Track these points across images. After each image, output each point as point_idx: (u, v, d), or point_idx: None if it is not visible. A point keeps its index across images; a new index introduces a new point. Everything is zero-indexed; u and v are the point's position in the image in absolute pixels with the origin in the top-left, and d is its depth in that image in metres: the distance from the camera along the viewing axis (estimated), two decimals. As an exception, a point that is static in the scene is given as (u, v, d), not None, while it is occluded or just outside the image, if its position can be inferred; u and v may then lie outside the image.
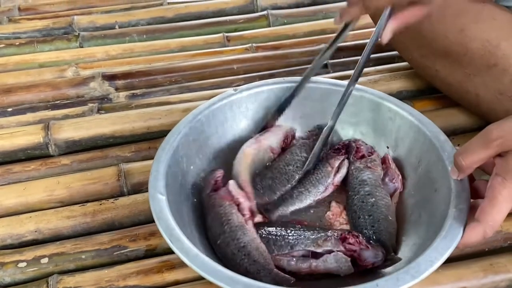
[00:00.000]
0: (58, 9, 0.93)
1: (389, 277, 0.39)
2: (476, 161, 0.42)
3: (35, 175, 0.61)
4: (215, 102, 0.54)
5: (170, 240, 0.41)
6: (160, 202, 0.44)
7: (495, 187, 0.41)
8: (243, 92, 0.56)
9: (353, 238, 0.46)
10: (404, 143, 0.54)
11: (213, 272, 0.39)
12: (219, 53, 0.80)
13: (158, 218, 0.43)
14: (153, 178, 0.46)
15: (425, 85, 0.70)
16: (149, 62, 0.79)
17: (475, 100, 0.61)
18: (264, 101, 0.57)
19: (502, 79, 0.57)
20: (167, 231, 0.42)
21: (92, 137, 0.64)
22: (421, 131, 0.52)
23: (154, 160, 0.47)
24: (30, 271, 0.50)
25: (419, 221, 0.49)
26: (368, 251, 0.45)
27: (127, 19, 0.89)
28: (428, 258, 0.40)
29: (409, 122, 0.53)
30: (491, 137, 0.41)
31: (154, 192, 0.45)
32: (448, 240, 0.41)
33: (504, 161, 0.41)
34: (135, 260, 0.51)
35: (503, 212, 0.41)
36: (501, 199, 0.40)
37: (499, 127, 0.41)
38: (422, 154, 0.51)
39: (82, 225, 0.54)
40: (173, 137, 0.50)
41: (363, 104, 0.56)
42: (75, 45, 0.84)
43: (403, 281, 0.39)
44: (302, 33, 0.86)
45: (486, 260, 0.50)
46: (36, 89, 0.73)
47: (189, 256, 0.40)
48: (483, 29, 0.57)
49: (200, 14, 0.91)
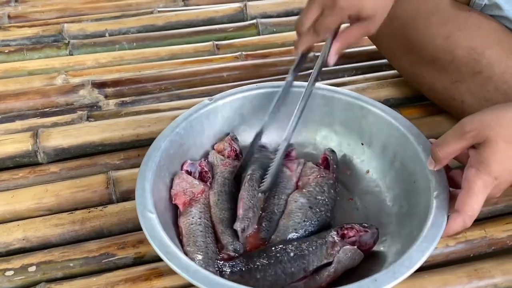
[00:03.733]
0: (48, 17, 0.94)
1: (386, 271, 0.40)
2: (451, 152, 0.44)
3: (23, 183, 0.61)
4: (191, 113, 0.55)
5: (167, 258, 0.41)
6: (151, 220, 0.44)
7: (470, 179, 0.42)
8: (218, 101, 0.56)
9: (351, 230, 0.47)
10: (378, 139, 0.55)
11: (216, 286, 0.39)
12: (209, 61, 0.81)
13: (151, 237, 0.42)
14: (140, 195, 0.45)
15: (412, 93, 0.72)
16: (139, 70, 0.79)
17: (461, 107, 0.62)
18: (239, 108, 0.58)
19: (487, 86, 0.58)
20: (162, 248, 0.41)
21: (81, 144, 0.64)
22: (394, 126, 0.53)
23: (139, 177, 0.47)
24: (17, 279, 0.50)
25: (401, 212, 0.50)
26: (366, 234, 0.47)
27: (117, 27, 0.90)
28: (419, 248, 0.42)
29: (382, 118, 0.55)
30: (465, 129, 0.43)
31: (144, 210, 0.44)
32: (435, 229, 0.43)
33: (477, 152, 0.43)
34: (123, 267, 0.51)
35: (479, 201, 0.42)
36: (476, 189, 0.42)
37: (473, 120, 0.43)
38: (397, 148, 0.53)
39: (71, 233, 0.54)
40: (154, 152, 0.50)
41: (335, 104, 0.57)
42: (64, 52, 0.84)
43: (400, 273, 0.40)
44: (291, 42, 0.86)
45: (471, 265, 0.51)
46: (25, 96, 0.73)
47: (189, 272, 0.40)
48: (468, 37, 0.58)
49: (190, 23, 0.91)
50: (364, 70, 0.78)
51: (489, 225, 0.54)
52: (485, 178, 0.42)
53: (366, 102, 0.56)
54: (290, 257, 0.45)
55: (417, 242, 0.42)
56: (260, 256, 0.46)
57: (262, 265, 0.45)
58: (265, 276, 0.45)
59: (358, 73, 0.78)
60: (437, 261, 0.52)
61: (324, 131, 0.59)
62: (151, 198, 0.45)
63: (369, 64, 0.80)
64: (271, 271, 0.45)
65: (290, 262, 0.45)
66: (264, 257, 0.46)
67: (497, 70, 0.57)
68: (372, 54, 0.80)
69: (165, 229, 0.44)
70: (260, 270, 0.45)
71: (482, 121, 0.42)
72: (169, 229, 0.46)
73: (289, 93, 0.55)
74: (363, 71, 0.78)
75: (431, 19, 0.60)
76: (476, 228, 0.54)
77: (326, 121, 0.59)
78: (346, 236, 0.47)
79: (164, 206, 0.48)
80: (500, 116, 0.42)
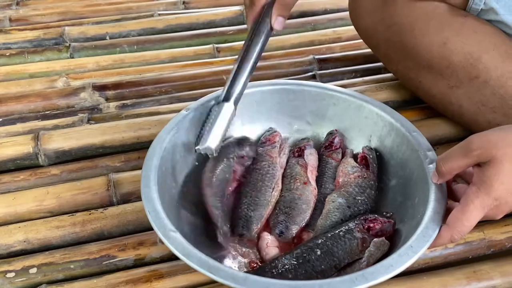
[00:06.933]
0: (49, 20, 0.94)
1: (404, 248, 0.42)
2: (455, 168, 0.44)
3: (24, 185, 0.61)
4: (172, 127, 0.52)
5: (212, 273, 0.40)
6: (177, 240, 0.42)
7: (469, 196, 0.42)
8: (194, 111, 0.55)
9: (375, 222, 0.48)
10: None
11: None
12: (209, 64, 0.81)
13: (187, 255, 0.41)
14: (156, 218, 0.43)
15: (410, 96, 0.72)
16: (139, 73, 0.79)
17: (458, 111, 0.63)
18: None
19: (484, 91, 0.59)
20: (205, 266, 0.40)
21: (82, 147, 0.64)
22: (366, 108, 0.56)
23: (145, 201, 0.45)
24: (18, 281, 0.50)
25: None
26: (387, 224, 0.48)
27: (118, 30, 0.90)
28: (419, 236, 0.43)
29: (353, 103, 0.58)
30: (472, 147, 0.42)
31: (167, 232, 0.42)
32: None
33: (481, 171, 0.42)
34: (124, 269, 0.51)
35: (472, 220, 0.42)
36: (472, 207, 0.42)
37: (481, 138, 0.43)
38: (373, 129, 0.56)
39: (71, 235, 0.54)
40: (151, 173, 0.47)
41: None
42: (65, 55, 0.84)
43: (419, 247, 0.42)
44: (291, 44, 0.87)
45: (470, 267, 0.51)
46: (26, 99, 0.73)
47: (239, 280, 0.40)
48: (465, 42, 0.59)
49: (191, 26, 0.92)
50: (363, 72, 0.79)
51: (488, 227, 0.55)
52: (484, 198, 0.42)
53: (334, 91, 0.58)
54: (317, 255, 0.46)
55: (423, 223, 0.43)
56: (287, 258, 0.46)
57: (291, 266, 0.45)
58: (297, 276, 0.45)
59: (356, 76, 0.78)
60: (436, 263, 0.52)
61: (296, 124, 0.60)
62: (166, 217, 0.44)
63: (368, 67, 0.80)
64: (301, 270, 0.45)
65: (318, 260, 0.46)
66: (292, 258, 0.46)
67: (493, 75, 0.57)
68: (371, 57, 0.80)
69: (194, 244, 0.42)
70: (290, 271, 0.45)
71: (490, 141, 0.42)
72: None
73: None
74: (361, 74, 0.78)
75: (428, 24, 0.61)
76: (475, 230, 0.53)
77: (297, 114, 0.60)
78: (372, 229, 0.48)
79: (174, 223, 0.45)
80: (508, 136, 0.42)
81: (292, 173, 0.55)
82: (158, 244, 0.52)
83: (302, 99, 0.59)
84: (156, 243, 0.52)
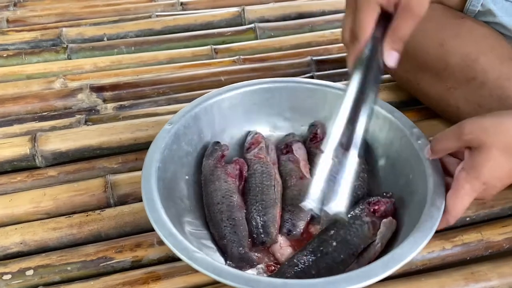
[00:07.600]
0: (46, 21, 0.94)
1: (409, 239, 0.42)
2: (446, 148, 0.47)
3: (21, 187, 0.61)
4: (164, 143, 0.51)
5: (219, 276, 0.40)
6: (205, 260, 0.41)
7: (459, 181, 0.44)
8: (177, 123, 0.54)
9: (379, 204, 0.49)
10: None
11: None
12: (207, 65, 0.81)
13: (192, 259, 0.41)
14: (161, 227, 0.43)
15: (408, 97, 0.72)
16: (137, 74, 0.79)
17: (456, 113, 0.63)
18: (196, 122, 0.56)
19: (481, 92, 0.59)
20: (214, 270, 0.40)
21: (79, 148, 0.64)
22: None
23: (148, 209, 0.45)
24: (15, 283, 0.50)
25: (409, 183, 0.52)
26: (389, 204, 0.50)
27: (116, 31, 0.90)
28: (429, 213, 0.45)
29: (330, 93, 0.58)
30: (463, 131, 0.44)
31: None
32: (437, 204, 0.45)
33: (471, 156, 0.44)
34: (121, 271, 0.51)
35: (464, 203, 0.45)
36: (463, 192, 0.44)
37: (472, 124, 0.44)
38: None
39: (68, 237, 0.54)
40: (151, 186, 0.47)
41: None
42: (63, 57, 0.84)
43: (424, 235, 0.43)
44: (289, 46, 0.87)
45: (467, 268, 0.51)
46: (23, 100, 0.73)
47: None
48: (462, 44, 0.59)
49: (188, 27, 0.92)
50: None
51: (485, 228, 0.55)
52: (474, 182, 0.44)
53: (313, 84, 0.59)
54: (334, 246, 0.47)
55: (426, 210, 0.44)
56: (304, 255, 0.47)
57: (312, 262, 0.46)
58: (319, 270, 0.45)
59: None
60: (433, 264, 0.52)
61: (276, 121, 0.61)
62: (172, 225, 0.43)
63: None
64: (322, 264, 0.46)
65: (336, 251, 0.46)
66: (310, 254, 0.47)
67: (491, 76, 0.58)
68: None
69: (198, 248, 0.42)
70: (311, 267, 0.46)
71: (481, 127, 0.43)
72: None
73: None
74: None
75: (425, 26, 0.60)
76: (472, 231, 0.54)
77: (275, 111, 0.60)
78: (377, 211, 0.49)
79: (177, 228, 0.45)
80: (499, 123, 0.43)
81: (286, 171, 0.56)
82: (155, 246, 0.52)
83: (278, 96, 0.60)
84: (153, 245, 0.52)
